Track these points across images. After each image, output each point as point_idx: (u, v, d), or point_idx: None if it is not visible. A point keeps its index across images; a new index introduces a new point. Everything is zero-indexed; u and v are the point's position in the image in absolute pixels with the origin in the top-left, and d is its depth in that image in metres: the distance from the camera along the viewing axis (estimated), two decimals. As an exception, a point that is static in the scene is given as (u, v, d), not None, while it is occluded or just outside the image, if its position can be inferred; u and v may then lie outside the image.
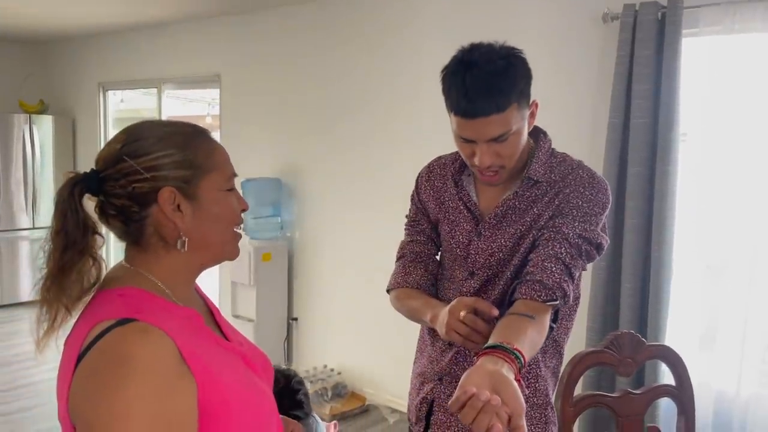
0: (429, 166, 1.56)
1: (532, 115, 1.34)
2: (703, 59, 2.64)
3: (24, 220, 5.88)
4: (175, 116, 5.83)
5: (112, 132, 5.89)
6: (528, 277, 1.28)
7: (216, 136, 4.87)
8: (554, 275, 1.26)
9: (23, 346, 4.84)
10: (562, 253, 1.28)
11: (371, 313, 3.83)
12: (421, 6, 3.54)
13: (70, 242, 0.90)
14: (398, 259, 1.56)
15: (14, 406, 3.78)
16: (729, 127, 2.57)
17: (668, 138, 2.60)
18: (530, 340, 1.16)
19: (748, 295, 2.53)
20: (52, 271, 0.90)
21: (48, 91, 6.31)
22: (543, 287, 1.26)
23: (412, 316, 1.46)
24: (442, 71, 1.31)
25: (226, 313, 4.44)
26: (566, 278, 1.28)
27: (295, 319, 4.35)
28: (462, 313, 1.21)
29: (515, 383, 1.01)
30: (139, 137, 0.96)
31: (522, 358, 1.08)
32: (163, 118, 5.37)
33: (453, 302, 1.26)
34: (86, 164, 4.88)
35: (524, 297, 1.26)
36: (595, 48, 2.90)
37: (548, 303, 1.25)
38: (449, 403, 0.99)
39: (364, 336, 3.95)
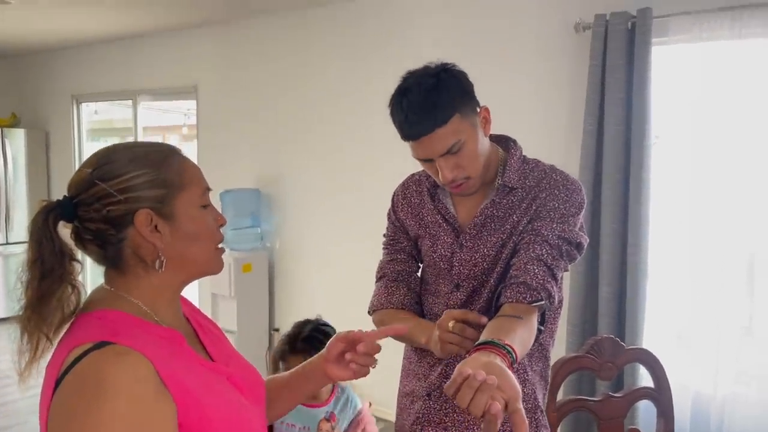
0: (404, 183, 1.58)
1: (485, 121, 1.37)
2: (673, 66, 2.71)
3: (-4, 236, 5.78)
4: (151, 126, 5.79)
5: (86, 144, 5.83)
6: (512, 281, 1.30)
7: (193, 146, 4.87)
8: (537, 277, 1.28)
9: (0, 364, 4.75)
10: (543, 255, 1.30)
11: (354, 321, 3.83)
12: (399, 17, 3.58)
13: (48, 270, 0.90)
14: (379, 279, 1.55)
15: (-10, 427, 3.70)
16: (699, 131, 2.64)
17: (641, 144, 2.66)
18: (520, 338, 1.16)
19: (721, 295, 2.59)
20: (31, 300, 0.89)
21: (20, 104, 6.21)
22: (527, 289, 1.27)
23: (402, 338, 1.45)
24: (389, 104, 1.36)
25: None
26: (549, 279, 1.29)
27: (277, 329, 4.33)
28: (450, 324, 1.23)
29: (510, 373, 1.00)
30: (109, 160, 0.95)
31: (513, 353, 1.08)
32: (139, 128, 5.33)
33: (441, 317, 1.28)
34: (60, 177, 4.81)
35: (510, 300, 1.27)
36: (568, 57, 2.96)
37: (534, 304, 1.27)
38: (445, 386, 0.98)
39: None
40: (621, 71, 2.69)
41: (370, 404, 2.08)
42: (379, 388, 3.83)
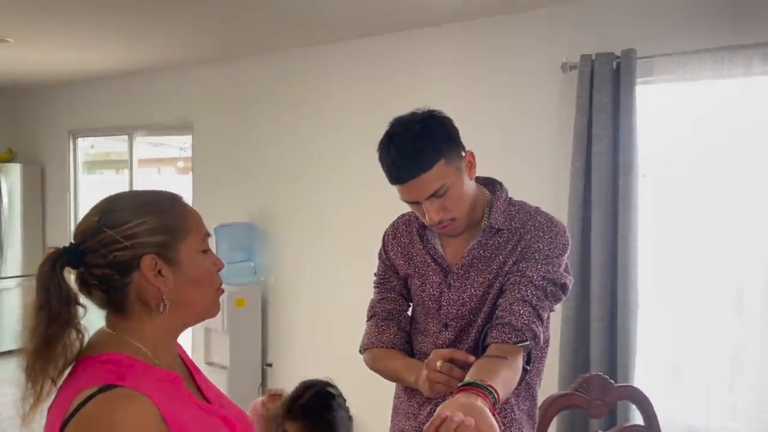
0: (394, 224, 1.62)
1: (470, 165, 1.42)
2: (658, 104, 2.79)
3: (-10, 270, 5.75)
4: (147, 159, 5.83)
5: (82, 177, 5.85)
6: (498, 321, 1.33)
7: (188, 180, 4.90)
8: (523, 317, 1.31)
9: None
10: (528, 296, 1.33)
11: (347, 355, 3.82)
12: (393, 56, 3.66)
13: (54, 316, 0.93)
14: (370, 318, 1.58)
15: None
16: (685, 166, 2.71)
17: (628, 181, 2.71)
18: (503, 379, 1.19)
19: (711, 328, 2.61)
20: (38, 346, 0.92)
21: (17, 139, 6.25)
22: (513, 329, 1.30)
23: (392, 377, 1.48)
24: (377, 148, 1.41)
25: (198, 359, 4.37)
26: (535, 320, 1.32)
27: (270, 365, 4.31)
28: (438, 364, 1.26)
29: (489, 413, 1.03)
30: (115, 208, 1.00)
31: (496, 394, 1.11)
32: (135, 161, 5.37)
33: (430, 356, 1.30)
34: (55, 212, 4.80)
35: (496, 341, 1.30)
36: (555, 96, 3.03)
37: (519, 344, 1.29)
38: (425, 428, 1.00)
39: (339, 380, 3.92)
40: (607, 109, 2.75)
41: None
42: (370, 425, 3.81)
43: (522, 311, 1.32)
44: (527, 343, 1.30)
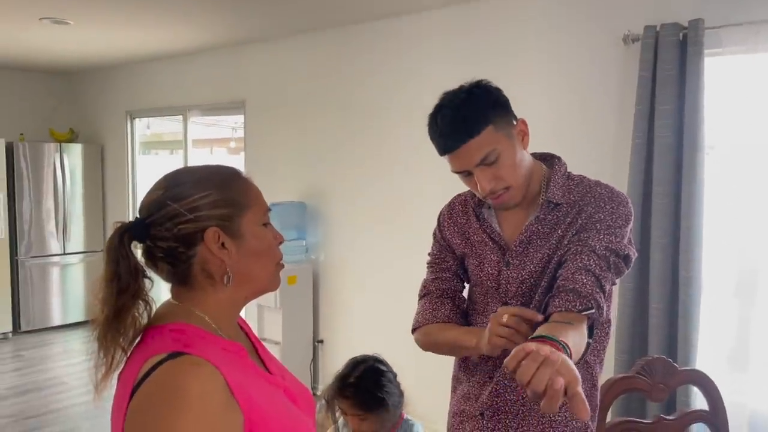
0: (449, 203, 1.59)
1: (523, 133, 1.38)
2: (726, 77, 2.64)
3: (55, 246, 6.01)
4: (200, 139, 5.94)
5: (139, 157, 6.03)
6: (560, 289, 1.27)
7: (240, 159, 4.98)
8: (587, 286, 1.25)
9: (54, 370, 4.93)
10: (591, 265, 1.28)
11: (397, 333, 3.84)
12: (445, 30, 3.59)
13: (123, 287, 0.95)
14: (422, 296, 1.55)
15: None
16: (756, 141, 2.56)
17: (693, 157, 2.59)
18: (573, 341, 1.12)
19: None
20: (108, 316, 0.94)
21: (77, 120, 6.48)
22: (577, 296, 1.24)
23: (449, 346, 1.44)
24: (427, 123, 1.40)
25: (252, 335, 4.47)
26: (598, 290, 1.26)
27: (321, 341, 4.37)
28: (505, 317, 1.21)
29: (572, 363, 0.95)
30: (178, 182, 1.01)
31: (569, 350, 1.04)
32: (189, 141, 5.49)
33: (497, 311, 1.26)
34: (114, 190, 4.98)
35: (559, 309, 1.23)
36: (616, 69, 2.92)
37: (584, 312, 1.23)
38: (505, 360, 0.94)
39: (390, 357, 3.94)
40: (672, 82, 2.63)
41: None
42: (421, 400, 3.83)
43: (585, 280, 1.26)
44: (592, 310, 1.24)
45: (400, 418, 1.94)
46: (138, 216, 1.01)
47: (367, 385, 1.84)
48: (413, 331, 1.54)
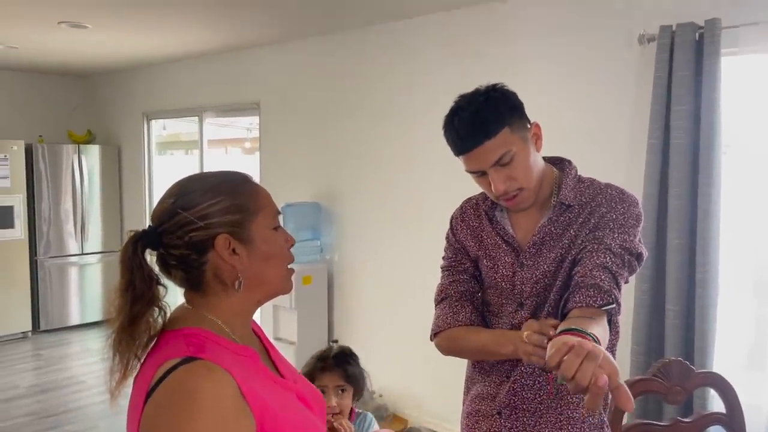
0: (461, 207, 1.60)
1: (537, 137, 1.41)
2: (743, 76, 2.62)
3: (73, 246, 6.09)
4: (216, 140, 6.00)
5: (155, 158, 6.09)
6: (579, 285, 1.27)
7: (255, 160, 5.01)
8: (605, 282, 1.26)
9: (72, 369, 5.00)
10: (608, 262, 1.29)
11: (411, 334, 3.85)
12: (460, 32, 3.59)
13: (138, 295, 0.97)
14: (441, 300, 1.54)
15: (64, 430, 3.89)
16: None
17: (710, 158, 2.57)
18: (597, 333, 1.11)
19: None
20: (123, 324, 0.96)
21: (95, 121, 6.56)
22: (598, 292, 1.24)
23: (481, 351, 1.43)
24: (443, 126, 1.42)
25: (267, 335, 4.49)
26: (614, 286, 1.27)
27: (336, 341, 4.37)
28: (525, 334, 1.20)
29: (607, 351, 0.96)
30: (188, 191, 1.03)
31: (598, 341, 1.04)
32: (204, 142, 5.54)
33: (534, 323, 1.23)
34: (131, 190, 5.05)
35: (579, 305, 1.23)
36: (631, 70, 2.90)
37: (604, 308, 1.23)
38: (547, 356, 0.94)
39: (404, 358, 3.97)
40: (688, 82, 2.62)
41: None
42: (434, 401, 3.83)
43: (603, 276, 1.27)
44: (612, 306, 1.24)
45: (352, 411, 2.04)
46: (150, 224, 1.03)
47: (345, 358, 1.99)
48: (434, 335, 1.52)
